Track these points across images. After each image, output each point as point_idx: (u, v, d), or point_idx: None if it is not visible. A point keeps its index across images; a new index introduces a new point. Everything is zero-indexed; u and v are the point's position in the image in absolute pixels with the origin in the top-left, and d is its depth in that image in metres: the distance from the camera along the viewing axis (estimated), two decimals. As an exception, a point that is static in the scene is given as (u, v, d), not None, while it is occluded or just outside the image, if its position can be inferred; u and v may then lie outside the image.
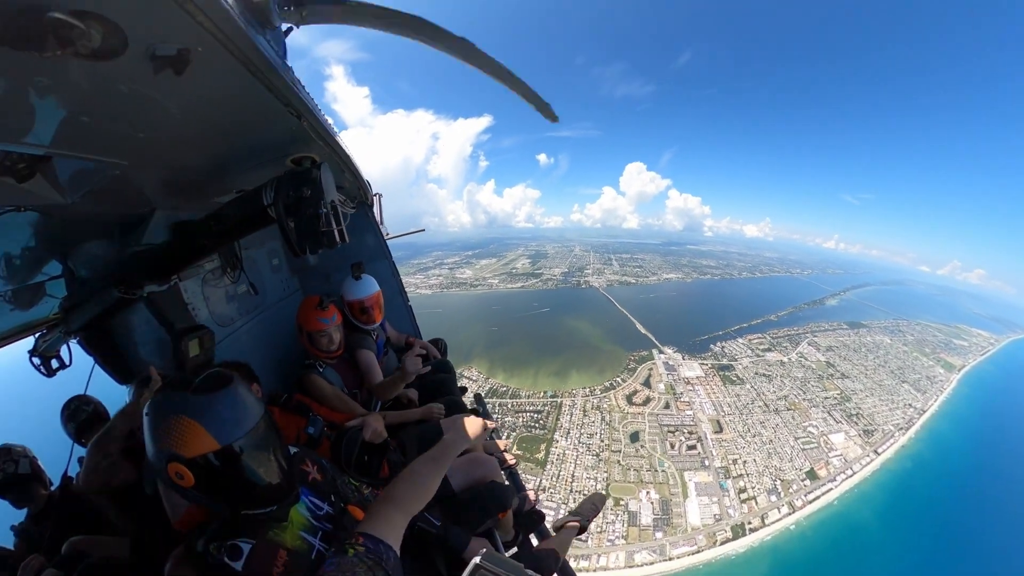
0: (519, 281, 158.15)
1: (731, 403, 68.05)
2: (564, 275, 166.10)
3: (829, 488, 53.31)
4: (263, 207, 1.88)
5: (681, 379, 74.58)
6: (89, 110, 1.16)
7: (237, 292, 3.70)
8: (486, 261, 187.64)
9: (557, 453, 58.35)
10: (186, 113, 1.40)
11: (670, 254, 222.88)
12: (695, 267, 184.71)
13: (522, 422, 64.40)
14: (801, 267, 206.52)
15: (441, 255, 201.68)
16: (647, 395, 70.55)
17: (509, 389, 72.46)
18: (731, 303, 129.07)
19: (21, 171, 1.34)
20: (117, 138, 1.43)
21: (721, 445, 58.77)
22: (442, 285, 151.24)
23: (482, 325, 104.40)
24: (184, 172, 2.07)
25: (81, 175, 1.60)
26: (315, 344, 3.37)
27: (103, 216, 2.29)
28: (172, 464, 1.22)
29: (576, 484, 53.50)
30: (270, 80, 1.32)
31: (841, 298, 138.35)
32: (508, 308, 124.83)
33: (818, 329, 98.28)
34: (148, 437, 1.26)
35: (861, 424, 64.36)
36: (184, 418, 1.22)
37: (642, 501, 50.59)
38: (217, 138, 1.80)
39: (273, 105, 1.52)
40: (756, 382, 73.78)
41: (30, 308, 2.84)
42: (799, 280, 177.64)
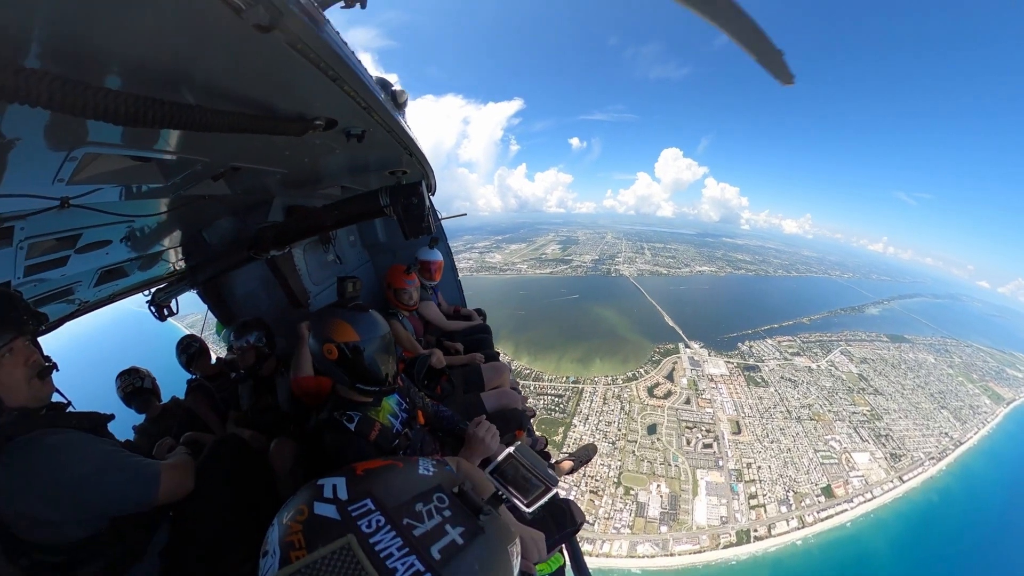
0: (548, 267, 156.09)
1: (753, 405, 65.32)
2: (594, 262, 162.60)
3: (844, 509, 49.83)
4: (380, 207, 2.46)
5: (705, 375, 72.17)
6: (293, 146, 1.78)
7: (327, 260, 4.52)
8: (516, 246, 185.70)
9: (574, 437, 58.45)
10: (345, 151, 2.07)
11: (704, 246, 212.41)
12: (729, 261, 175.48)
13: (543, 404, 64.66)
14: (841, 269, 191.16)
15: (471, 239, 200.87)
16: (669, 388, 68.94)
17: (532, 372, 72.67)
18: (763, 301, 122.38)
19: (216, 175, 2.01)
20: (294, 161, 2.16)
21: (737, 447, 56.81)
22: (472, 269, 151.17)
23: (510, 309, 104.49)
24: (311, 175, 2.74)
25: (249, 177, 2.29)
26: (399, 298, 4.10)
27: (236, 201, 2.92)
28: (327, 344, 1.91)
29: (589, 468, 53.62)
30: (403, 140, 2.03)
31: (884, 307, 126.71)
32: (536, 293, 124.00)
33: (854, 338, 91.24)
34: (313, 332, 1.96)
35: (889, 446, 59.06)
36: (340, 320, 1.95)
37: (652, 493, 50.08)
38: (351, 162, 2.50)
39: (399, 150, 2.22)
40: (781, 386, 70.26)
41: (151, 269, 3.71)
42: (838, 283, 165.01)
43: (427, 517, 0.94)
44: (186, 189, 2.11)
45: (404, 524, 0.89)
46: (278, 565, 0.85)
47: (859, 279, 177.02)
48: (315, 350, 1.97)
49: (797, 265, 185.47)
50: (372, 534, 0.86)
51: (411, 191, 2.43)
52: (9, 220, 1.58)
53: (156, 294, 4.14)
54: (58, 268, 2.29)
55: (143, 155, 1.51)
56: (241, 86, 1.14)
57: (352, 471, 1.07)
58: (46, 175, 1.33)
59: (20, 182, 1.32)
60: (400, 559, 0.82)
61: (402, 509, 0.94)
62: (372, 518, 0.89)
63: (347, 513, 0.91)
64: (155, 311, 4.21)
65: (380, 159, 2.52)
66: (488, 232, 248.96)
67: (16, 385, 1.54)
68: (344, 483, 1.01)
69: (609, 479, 52.32)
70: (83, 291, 3.03)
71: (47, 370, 1.64)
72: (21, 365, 1.55)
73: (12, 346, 1.53)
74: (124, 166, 1.55)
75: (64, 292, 2.82)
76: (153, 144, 1.44)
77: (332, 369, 1.96)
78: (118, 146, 1.35)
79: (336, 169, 2.71)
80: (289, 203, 3.27)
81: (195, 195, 2.33)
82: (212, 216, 3.27)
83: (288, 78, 1.11)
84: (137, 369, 3.99)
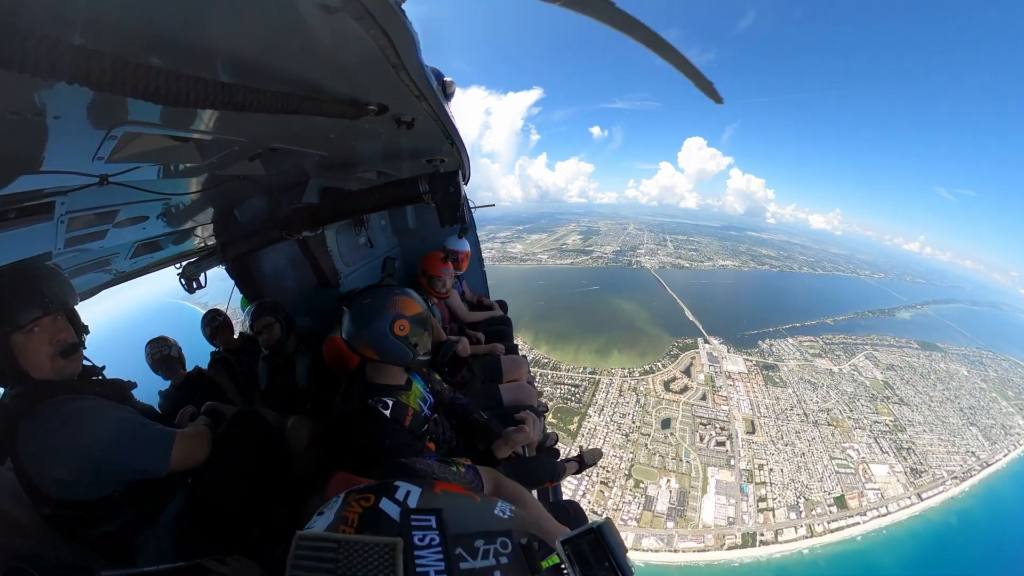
0: (569, 257, 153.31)
1: (769, 405, 63.20)
2: (615, 254, 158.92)
3: (856, 522, 47.24)
4: (419, 193, 2.45)
5: (723, 372, 70.18)
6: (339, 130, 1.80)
7: (359, 243, 4.45)
8: (537, 236, 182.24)
9: (588, 428, 58.36)
10: (393, 140, 2.06)
11: (728, 239, 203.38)
12: (753, 256, 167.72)
13: (559, 394, 64.56)
14: (872, 269, 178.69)
15: (493, 229, 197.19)
16: (685, 383, 67.50)
17: (550, 361, 72.33)
18: (787, 299, 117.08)
19: (252, 155, 1.96)
20: (338, 144, 2.13)
21: (750, 447, 55.29)
22: (493, 259, 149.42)
23: (530, 298, 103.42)
24: (351, 159, 2.75)
25: (285, 158, 2.22)
26: (432, 285, 4.05)
27: (270, 181, 2.85)
28: (399, 320, 1.93)
29: (602, 459, 53.21)
30: (448, 130, 2.01)
31: (916, 312, 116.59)
32: (556, 284, 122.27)
33: (881, 343, 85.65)
34: (373, 310, 1.95)
35: (910, 461, 55.01)
36: (405, 296, 2.01)
37: (661, 488, 49.59)
38: (394, 147, 2.49)
39: (442, 139, 2.18)
40: (799, 388, 67.58)
41: (183, 243, 3.74)
42: (867, 283, 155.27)
43: (482, 556, 0.89)
44: (222, 169, 2.11)
45: (455, 553, 0.86)
46: (324, 528, 0.87)
47: (891, 280, 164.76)
48: (382, 328, 1.92)
49: (823, 263, 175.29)
50: (420, 548, 0.83)
51: (449, 180, 2.43)
52: (51, 196, 1.62)
53: (187, 267, 4.31)
54: (97, 241, 2.37)
55: (182, 135, 1.50)
56: (300, 67, 1.10)
57: (431, 486, 1.05)
58: (86, 153, 1.35)
59: (61, 159, 1.34)
60: None
61: (461, 539, 0.90)
62: (428, 535, 0.86)
63: (408, 520, 0.89)
64: (184, 283, 4.39)
65: (422, 147, 2.52)
66: (509, 222, 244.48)
67: (41, 362, 1.59)
68: (419, 494, 0.99)
69: (620, 471, 52.10)
70: (120, 262, 3.16)
71: (72, 348, 1.67)
72: (46, 344, 1.60)
73: (38, 324, 1.58)
74: (163, 145, 1.55)
75: (102, 262, 2.98)
76: (191, 124, 1.43)
77: (398, 346, 1.94)
78: (156, 125, 1.34)
79: (375, 154, 2.73)
80: (325, 185, 3.21)
81: (230, 175, 2.33)
82: (245, 195, 3.26)
83: (349, 61, 1.07)
84: (165, 338, 4.13)
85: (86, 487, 1.60)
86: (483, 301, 5.40)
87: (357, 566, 0.74)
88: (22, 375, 1.58)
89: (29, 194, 1.53)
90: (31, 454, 1.53)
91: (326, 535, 0.80)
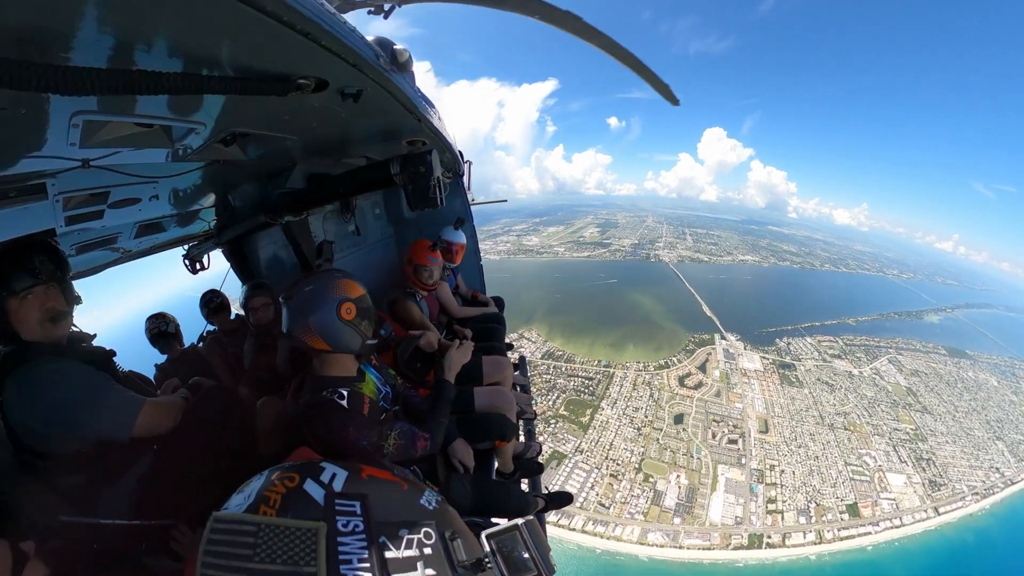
0: (586, 250, 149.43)
1: (784, 405, 61.21)
2: (633, 247, 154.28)
3: (868, 531, 44.88)
4: (391, 175, 2.36)
5: (738, 369, 68.27)
6: (292, 111, 1.77)
7: (347, 230, 4.31)
8: (553, 228, 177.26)
9: (601, 420, 57.96)
10: (351, 116, 2.01)
11: (749, 234, 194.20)
12: (774, 251, 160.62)
13: (572, 386, 64.19)
14: (900, 268, 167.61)
15: (509, 222, 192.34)
16: (700, 379, 66.01)
17: (565, 354, 71.69)
18: (807, 297, 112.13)
19: (227, 140, 1.94)
20: (301, 126, 2.09)
21: (763, 447, 53.81)
22: (509, 251, 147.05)
23: (545, 291, 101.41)
24: (327, 143, 2.65)
25: (262, 143, 2.23)
26: (418, 276, 3.74)
27: (259, 167, 2.89)
28: (345, 304, 1.79)
29: (613, 452, 53.27)
30: (404, 103, 1.95)
31: (946, 315, 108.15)
32: (572, 276, 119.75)
33: (906, 347, 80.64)
34: (316, 297, 1.79)
35: (930, 472, 51.63)
36: (347, 278, 1.88)
37: (670, 483, 49.00)
38: (361, 128, 2.41)
39: (404, 114, 2.13)
40: (816, 389, 65.06)
41: (187, 226, 3.82)
42: (894, 283, 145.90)
43: (405, 546, 0.87)
44: (199, 153, 2.07)
45: (380, 541, 0.83)
46: (244, 509, 0.81)
47: (920, 281, 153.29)
48: (329, 314, 1.77)
49: (847, 260, 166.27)
50: (344, 534, 0.79)
51: (420, 160, 2.32)
52: (40, 177, 1.76)
53: (191, 249, 4.40)
54: (96, 220, 2.43)
55: (140, 121, 1.54)
56: (211, 47, 1.08)
57: (358, 470, 1.01)
58: (59, 139, 1.43)
59: (40, 145, 1.45)
60: (355, 569, 0.75)
61: (385, 527, 0.87)
62: (352, 521, 0.83)
63: (332, 504, 0.85)
64: (188, 264, 4.51)
65: (390, 126, 2.45)
66: (525, 215, 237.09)
67: (31, 325, 1.71)
68: (345, 477, 0.95)
69: (630, 464, 51.68)
70: (125, 241, 3.27)
71: (61, 315, 1.79)
72: (36, 309, 1.72)
73: (31, 292, 1.70)
74: (130, 132, 1.58)
75: (107, 241, 3.08)
76: (132, 109, 1.44)
77: (347, 331, 1.82)
78: (97, 112, 1.37)
79: (353, 137, 2.66)
80: (311, 171, 3.14)
81: (213, 159, 2.30)
82: (237, 180, 3.23)
83: (254, 35, 1.03)
84: (164, 314, 4.17)
85: (57, 440, 1.71)
86: (478, 296, 5.07)
87: (277, 551, 0.69)
88: (13, 335, 1.70)
89: (23, 175, 1.67)
90: (12, 405, 1.65)
91: (245, 517, 0.74)
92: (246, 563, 0.68)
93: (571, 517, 45.09)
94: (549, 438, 54.56)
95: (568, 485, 48.54)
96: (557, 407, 59.86)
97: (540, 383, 64.56)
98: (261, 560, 0.68)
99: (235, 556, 0.68)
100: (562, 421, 57.45)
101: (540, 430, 54.85)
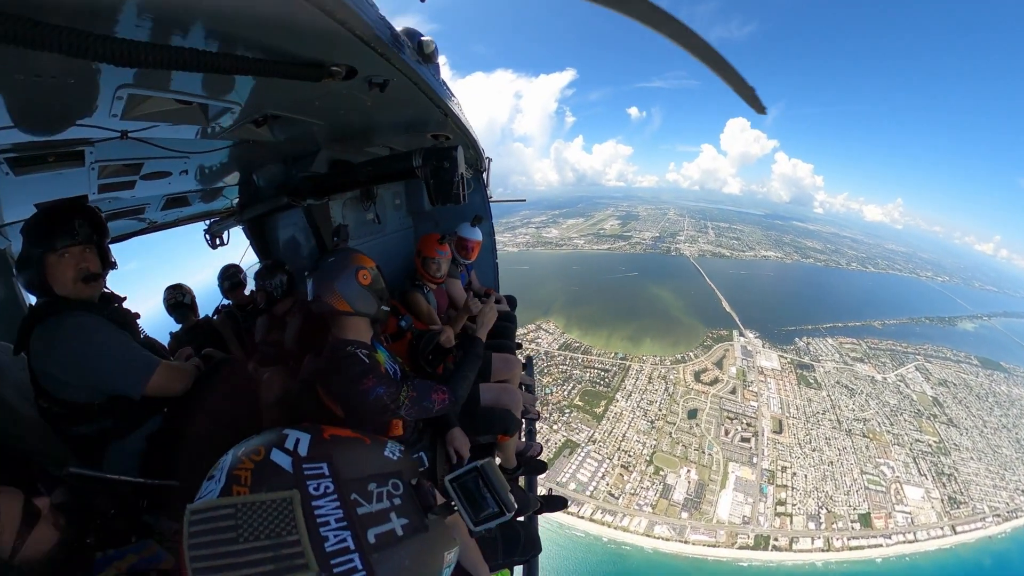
0: (606, 243, 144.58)
1: (800, 406, 58.49)
2: (654, 240, 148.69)
3: (879, 543, 42.08)
4: (412, 167, 2.30)
5: (755, 367, 65.57)
6: (321, 96, 1.79)
7: (366, 218, 4.21)
8: (573, 221, 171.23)
9: (615, 412, 57.16)
10: (376, 105, 2.01)
11: (772, 228, 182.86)
12: (797, 248, 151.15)
13: (588, 377, 63.31)
14: (934, 270, 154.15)
15: (528, 214, 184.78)
16: (716, 376, 63.89)
17: (582, 345, 70.56)
18: (830, 296, 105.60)
19: (258, 121, 2.01)
20: (329, 112, 2.09)
21: (775, 447, 51.77)
22: (528, 243, 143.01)
23: (564, 283, 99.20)
24: (352, 130, 2.66)
25: (290, 126, 2.24)
26: (426, 268, 3.62)
27: (285, 149, 2.87)
28: (361, 271, 1.89)
29: (625, 444, 52.58)
30: (431, 96, 1.95)
31: (982, 323, 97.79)
32: (591, 269, 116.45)
33: (935, 354, 74.39)
34: (338, 265, 1.89)
35: (950, 488, 47.51)
36: (355, 251, 1.98)
37: (680, 477, 47.98)
38: (386, 118, 2.41)
39: (430, 107, 2.13)
40: (835, 392, 61.72)
41: (211, 202, 4.05)
42: (927, 286, 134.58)
43: (376, 499, 0.87)
44: (231, 132, 2.11)
45: (351, 499, 0.82)
46: (218, 493, 0.79)
47: (955, 285, 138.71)
48: (350, 277, 1.87)
49: (877, 259, 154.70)
50: (317, 498, 0.79)
51: (444, 154, 2.25)
52: (80, 145, 1.81)
53: (212, 224, 4.44)
54: (127, 190, 2.45)
55: (181, 98, 1.56)
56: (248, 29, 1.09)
57: (319, 432, 0.99)
58: (102, 110, 1.48)
59: (85, 114, 1.50)
60: (334, 530, 0.76)
61: (354, 484, 0.86)
62: (323, 483, 0.82)
63: (300, 469, 0.84)
64: (209, 239, 4.53)
65: (415, 117, 2.45)
66: (545, 207, 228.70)
67: (65, 282, 1.75)
68: (308, 440, 0.93)
69: (642, 456, 50.93)
70: (152, 212, 3.30)
71: (93, 276, 1.82)
72: (71, 268, 1.75)
73: (67, 251, 1.73)
74: (169, 108, 1.61)
75: (136, 211, 3.11)
76: (180, 88, 1.46)
77: (366, 294, 1.90)
78: (140, 87, 1.40)
79: (378, 126, 2.65)
80: (335, 157, 3.10)
81: (243, 139, 2.32)
82: (262, 160, 3.21)
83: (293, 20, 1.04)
84: (181, 285, 4.15)
85: (73, 389, 1.74)
86: (491, 294, 4.92)
87: (259, 527, 0.68)
88: (48, 289, 1.75)
89: (66, 142, 1.71)
90: (37, 351, 1.71)
91: (219, 502, 0.73)
92: (232, 546, 0.67)
93: (580, 505, 45.01)
94: (563, 427, 54.32)
95: (579, 474, 48.43)
96: (572, 397, 59.33)
97: (556, 373, 64.02)
98: (246, 539, 0.67)
99: (220, 542, 0.67)
100: (576, 411, 56.96)
101: (554, 419, 55.18)
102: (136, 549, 1.40)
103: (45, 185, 1.89)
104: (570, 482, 47.48)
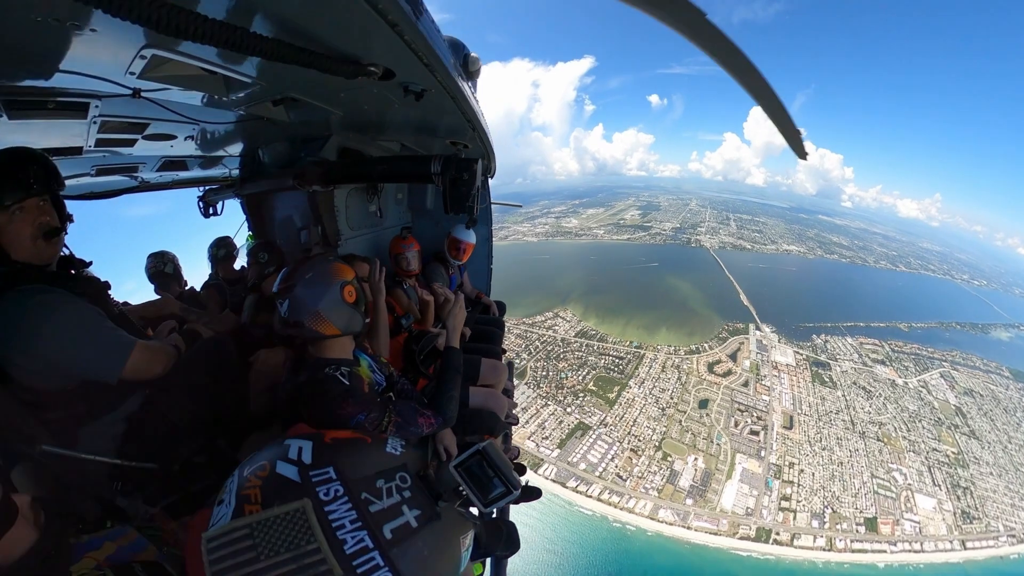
0: (626, 233, 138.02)
1: (813, 404, 55.09)
2: (675, 231, 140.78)
3: (884, 549, 39.17)
4: (430, 172, 2.15)
5: (769, 361, 62.15)
6: (348, 89, 1.71)
7: (368, 210, 4.04)
8: (593, 211, 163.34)
9: (627, 398, 55.94)
10: (403, 107, 1.92)
11: (796, 222, 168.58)
12: (821, 243, 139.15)
13: (603, 364, 62.01)
14: (971, 273, 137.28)
15: (548, 204, 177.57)
16: (729, 368, 61.08)
17: (598, 333, 68.77)
18: (854, 295, 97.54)
19: (276, 100, 1.93)
20: (351, 104, 2.04)
21: (784, 443, 49.19)
22: (547, 233, 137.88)
23: (583, 273, 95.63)
24: (368, 123, 2.55)
25: (307, 110, 2.14)
26: (397, 264, 3.54)
27: (296, 131, 2.75)
28: (347, 287, 1.64)
29: (636, 429, 51.48)
30: (465, 111, 1.92)
31: (1018, 333, 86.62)
32: (610, 259, 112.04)
33: (963, 362, 67.47)
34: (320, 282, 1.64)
35: (964, 502, 43.41)
36: (341, 263, 1.75)
37: (687, 465, 46.72)
38: (408, 119, 2.29)
39: (461, 120, 2.09)
40: (851, 392, 57.50)
41: (209, 169, 3.79)
42: (962, 290, 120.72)
43: (386, 495, 0.83)
44: (247, 107, 2.03)
45: (362, 498, 0.79)
46: (231, 515, 0.75)
47: (993, 290, 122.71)
48: (336, 300, 1.62)
49: (908, 258, 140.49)
50: (328, 503, 0.75)
51: (465, 166, 2.13)
52: (86, 97, 1.65)
53: (207, 192, 4.13)
54: (126, 147, 2.32)
55: (207, 67, 1.45)
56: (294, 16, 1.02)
57: (320, 437, 0.96)
58: (119, 66, 1.37)
59: (97, 66, 1.38)
60: (351, 531, 0.72)
61: (362, 483, 0.83)
62: (331, 487, 0.78)
63: (308, 478, 0.80)
64: (202, 207, 4.19)
65: (441, 126, 2.33)
66: (565, 196, 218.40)
67: (21, 242, 1.45)
68: (311, 448, 0.89)
69: (651, 442, 49.81)
70: (146, 172, 3.13)
71: (54, 231, 1.53)
72: (29, 224, 1.46)
73: (23, 205, 1.44)
74: (192, 73, 1.50)
75: (129, 168, 2.94)
76: (208, 57, 1.37)
77: (352, 313, 1.68)
78: (175, 52, 1.32)
79: (397, 124, 2.54)
80: (345, 145, 2.94)
81: (256, 115, 2.23)
82: (270, 137, 3.01)
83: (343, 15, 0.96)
84: (164, 253, 3.84)
85: (41, 376, 1.48)
86: (481, 297, 4.75)
87: (277, 543, 0.65)
88: (3, 256, 1.45)
89: (68, 91, 1.55)
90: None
91: (234, 524, 0.70)
92: (254, 566, 0.64)
93: (589, 484, 44.91)
94: (576, 410, 53.70)
95: (590, 455, 48.08)
96: (587, 382, 58.37)
97: (572, 359, 63.03)
98: (267, 556, 0.64)
99: (241, 564, 0.64)
100: (590, 395, 56.05)
101: (568, 402, 54.75)
102: (112, 536, 1.20)
103: (37, 133, 1.71)
104: (580, 462, 47.22)
